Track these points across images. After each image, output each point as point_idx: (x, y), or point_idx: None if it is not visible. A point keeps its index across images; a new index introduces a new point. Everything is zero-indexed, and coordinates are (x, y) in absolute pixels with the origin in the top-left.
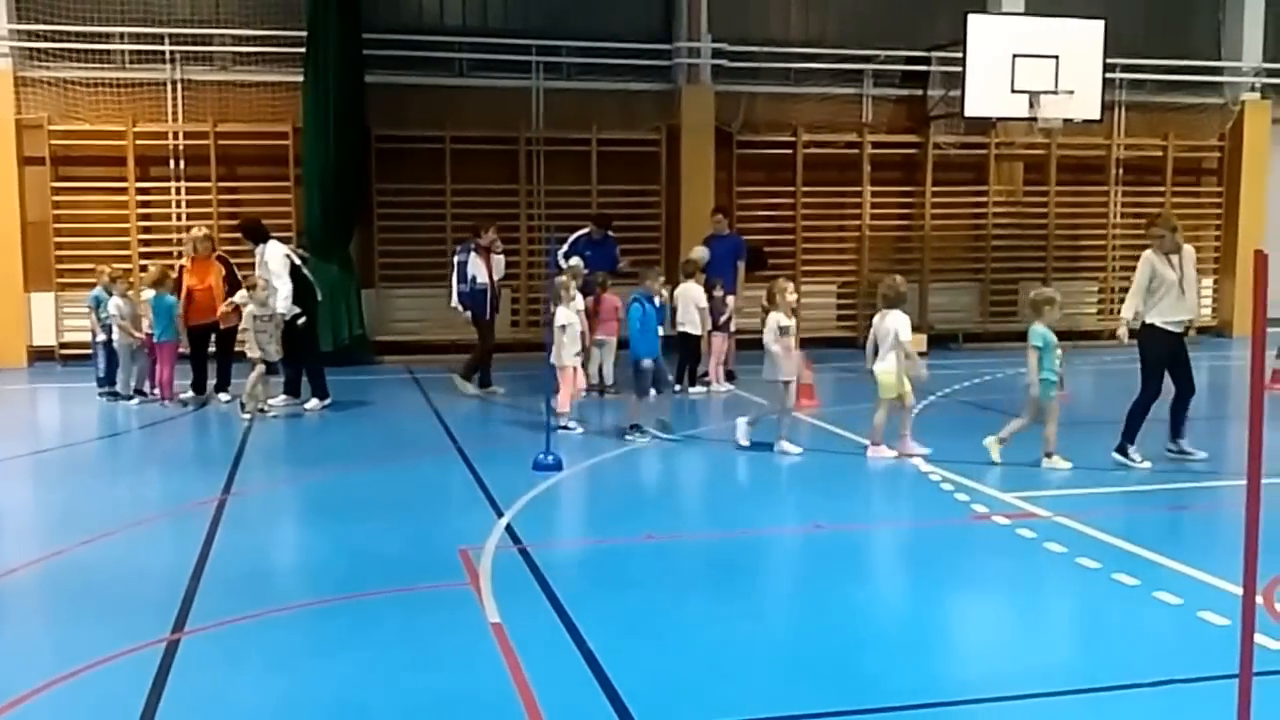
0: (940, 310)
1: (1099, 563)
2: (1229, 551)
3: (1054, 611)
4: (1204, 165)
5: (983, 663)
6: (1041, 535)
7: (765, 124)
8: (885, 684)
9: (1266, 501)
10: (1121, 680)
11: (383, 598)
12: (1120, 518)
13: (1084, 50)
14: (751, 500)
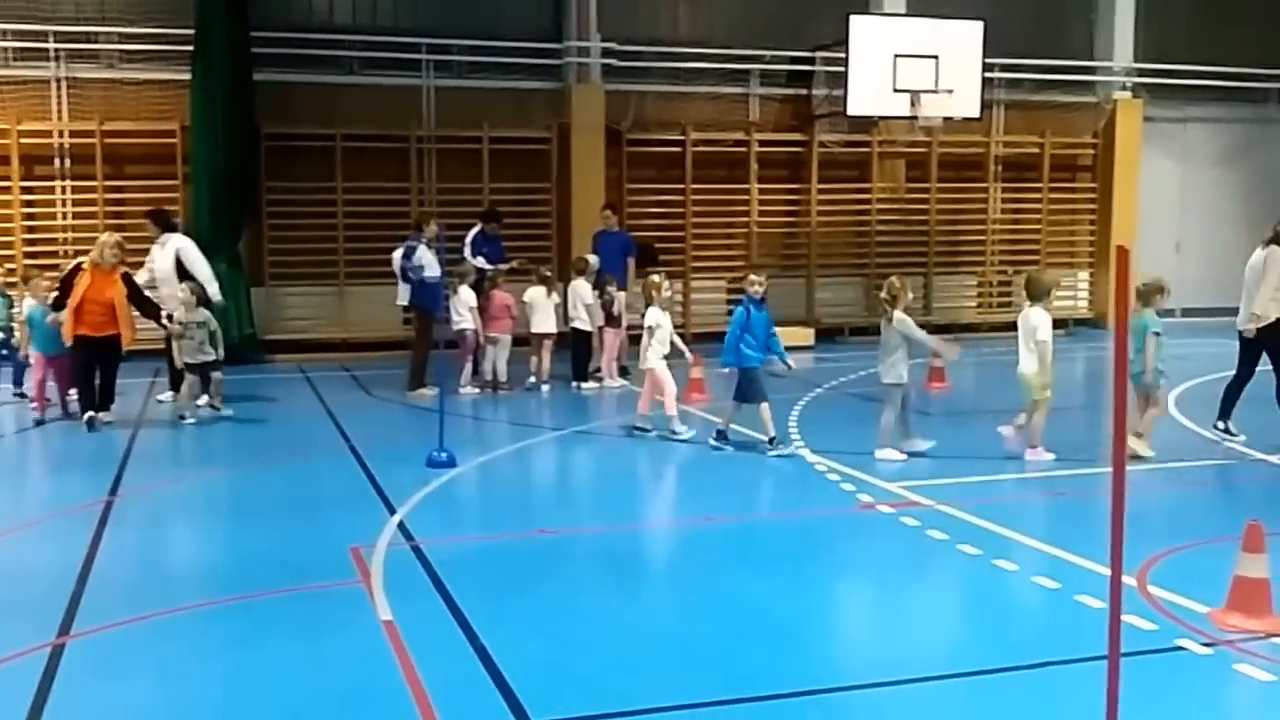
0: (827, 304)
1: (980, 549)
2: (1105, 536)
3: (936, 597)
4: (1079, 162)
5: (867, 649)
6: (925, 523)
7: (655, 122)
8: (772, 672)
9: (1143, 487)
10: (1002, 663)
11: (272, 598)
12: (1001, 505)
13: (963, 50)
14: (644, 494)
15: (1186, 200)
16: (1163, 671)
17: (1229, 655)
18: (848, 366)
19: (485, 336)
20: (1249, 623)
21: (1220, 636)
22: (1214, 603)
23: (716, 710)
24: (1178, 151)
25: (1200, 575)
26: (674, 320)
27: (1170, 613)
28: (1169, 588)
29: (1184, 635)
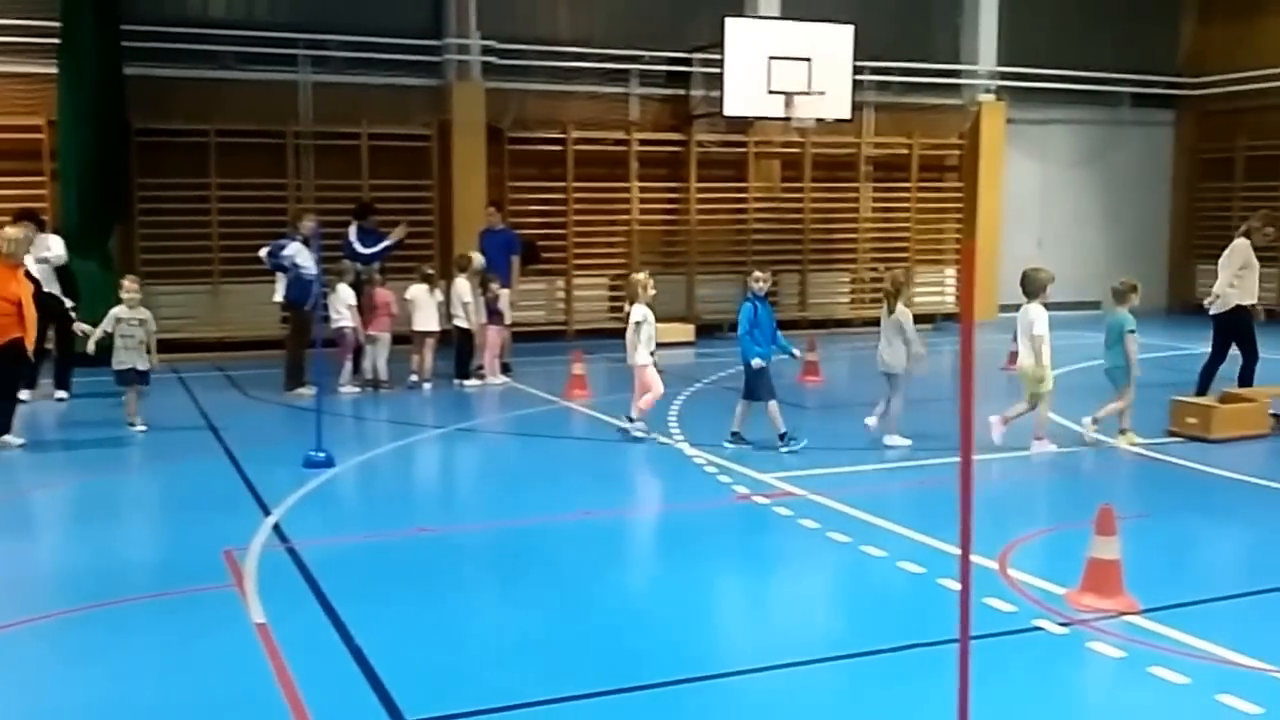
0: (707, 301)
1: (849, 536)
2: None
3: (808, 584)
4: (946, 163)
5: (740, 636)
6: (797, 513)
7: (536, 121)
8: (649, 663)
9: (1008, 474)
10: (868, 647)
11: (141, 603)
12: (870, 494)
13: (834, 53)
14: (523, 490)
15: (1047, 199)
16: (1020, 651)
17: (1083, 634)
18: (727, 361)
19: (365, 335)
20: (1102, 602)
21: (1075, 616)
22: (1070, 584)
23: (592, 702)
24: (1039, 152)
25: (1058, 558)
26: (556, 318)
27: (1029, 594)
28: (1028, 570)
29: (1041, 616)
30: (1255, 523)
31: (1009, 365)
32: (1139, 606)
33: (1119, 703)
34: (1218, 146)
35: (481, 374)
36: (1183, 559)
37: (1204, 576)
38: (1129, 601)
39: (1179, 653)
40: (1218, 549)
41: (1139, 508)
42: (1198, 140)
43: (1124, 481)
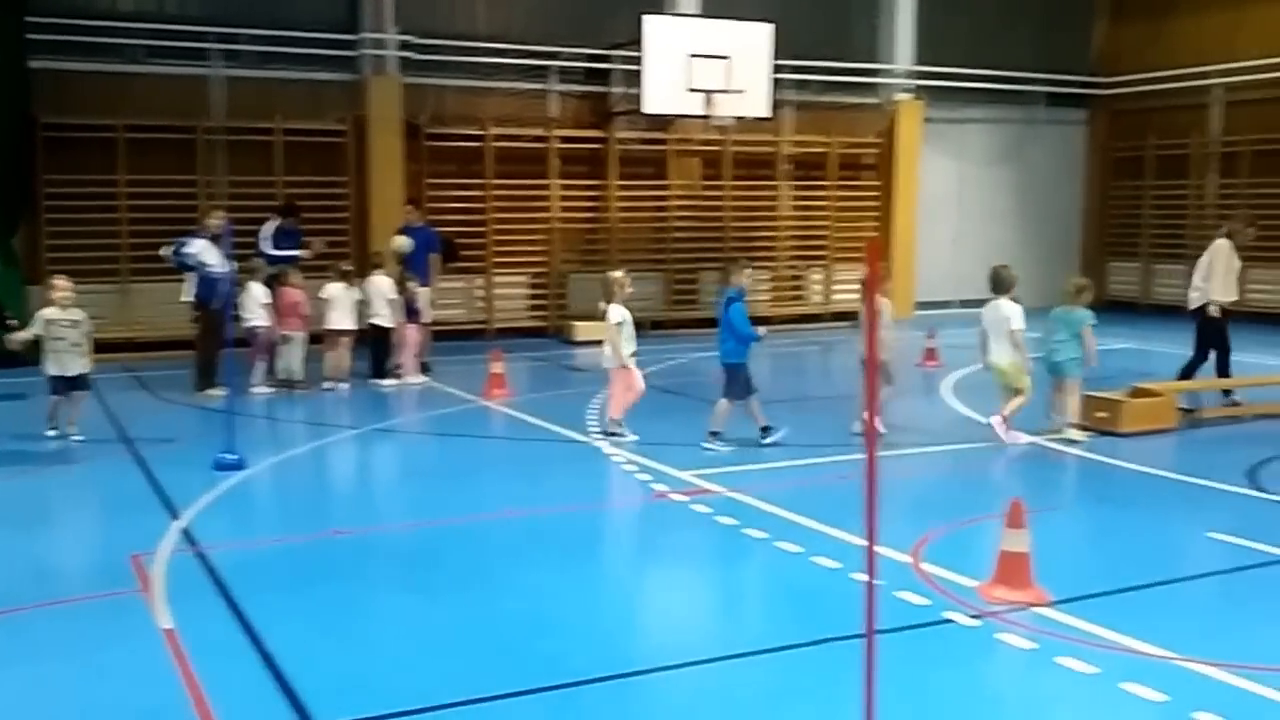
0: (628, 299)
1: (766, 533)
2: (884, 517)
3: (724, 580)
4: (864, 161)
5: (658, 633)
6: (715, 510)
7: (454, 117)
8: (565, 662)
9: (916, 467)
10: (784, 641)
11: (43, 610)
12: (787, 490)
13: (753, 51)
14: (441, 491)
15: (963, 197)
16: (932, 644)
17: (994, 626)
18: (648, 360)
19: (279, 334)
20: (1012, 595)
21: (986, 608)
22: (981, 576)
23: (508, 702)
24: (955, 151)
25: (970, 551)
26: (476, 317)
27: (941, 587)
28: (941, 564)
29: (953, 608)
30: (1160, 515)
31: (924, 362)
32: (1048, 598)
33: (1027, 693)
34: (1129, 145)
35: (399, 373)
36: (1091, 551)
37: (1111, 568)
38: (1038, 593)
39: (1086, 643)
40: (1124, 541)
41: (1050, 501)
42: (1110, 139)
43: (1036, 475)
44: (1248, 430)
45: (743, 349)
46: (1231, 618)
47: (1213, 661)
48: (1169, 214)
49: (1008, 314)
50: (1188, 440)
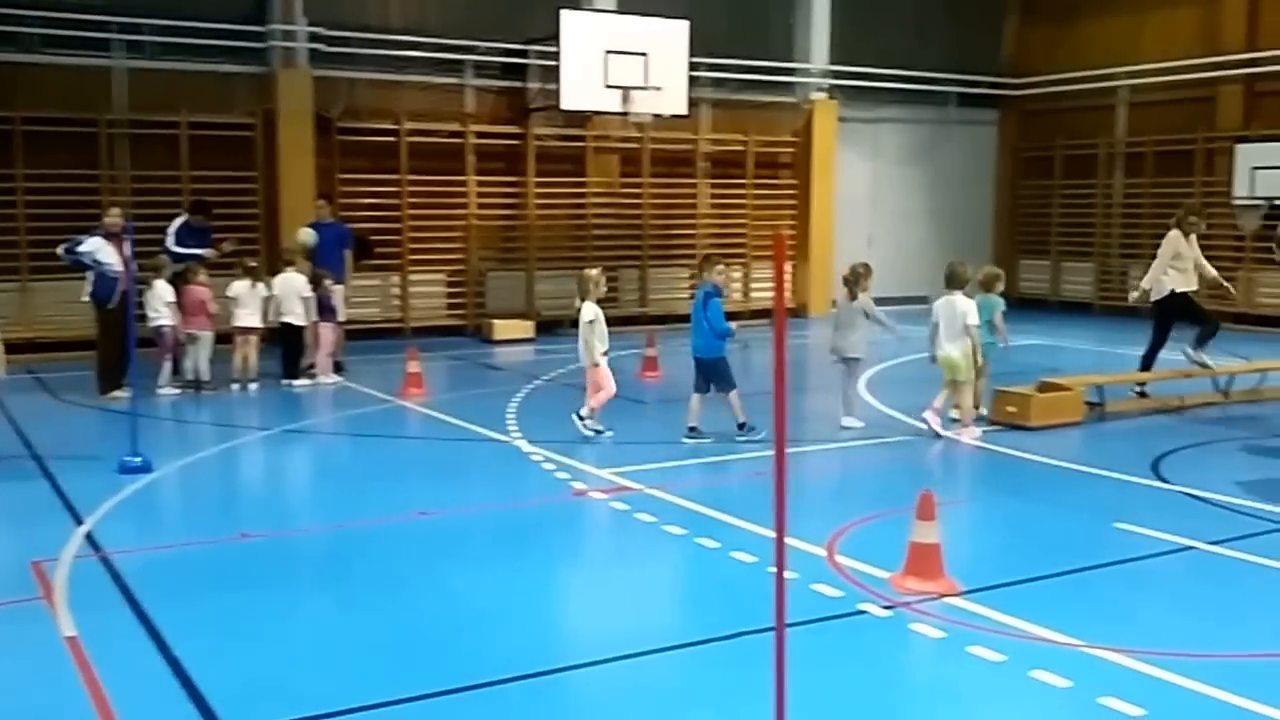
0: (547, 297)
1: (685, 529)
2: (800, 512)
3: (643, 577)
4: (780, 159)
5: (577, 631)
6: (634, 507)
7: (367, 111)
8: (481, 661)
9: (833, 462)
10: (703, 635)
11: None
12: (704, 486)
13: (670, 48)
14: (355, 492)
15: (877, 196)
16: (846, 635)
17: (906, 616)
18: (566, 358)
19: (185, 333)
20: (924, 585)
21: (898, 599)
22: (894, 568)
23: (422, 704)
24: (869, 150)
25: (883, 543)
26: (391, 315)
27: (855, 579)
28: (855, 556)
29: (866, 600)
30: (1067, 505)
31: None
32: (959, 588)
33: (938, 681)
34: (1038, 145)
35: (313, 373)
36: (1000, 542)
37: (1020, 558)
38: (949, 584)
39: (996, 632)
40: (1033, 532)
41: (961, 493)
42: (1019, 139)
43: (948, 468)
44: (1152, 423)
45: (720, 344)
46: (1136, 605)
47: (1117, 648)
48: (1077, 213)
49: (964, 309)
50: (1095, 433)
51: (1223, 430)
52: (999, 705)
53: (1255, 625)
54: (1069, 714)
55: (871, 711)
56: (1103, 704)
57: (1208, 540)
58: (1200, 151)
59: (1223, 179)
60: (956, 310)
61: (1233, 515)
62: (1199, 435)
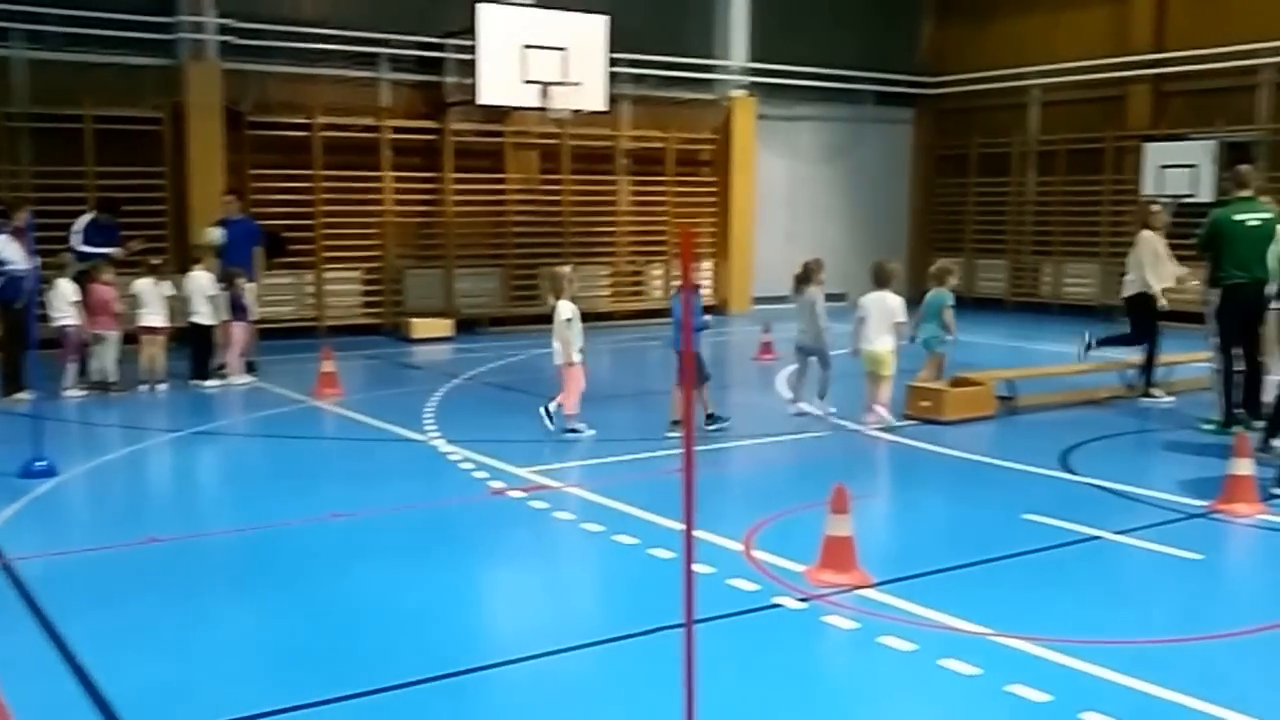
0: (466, 295)
1: (603, 526)
2: (719, 507)
3: (561, 575)
4: (701, 157)
5: (494, 630)
6: (553, 505)
7: (279, 105)
8: (394, 664)
9: (751, 458)
10: (621, 631)
11: None
12: (623, 484)
13: (589, 44)
14: (267, 494)
15: (795, 194)
16: (761, 627)
17: (820, 608)
18: (486, 357)
19: (90, 334)
20: (838, 578)
21: (813, 592)
22: (809, 561)
23: (335, 707)
24: (788, 148)
25: (799, 537)
26: (306, 314)
27: (771, 573)
28: (771, 550)
29: (781, 593)
30: (978, 498)
31: (760, 356)
32: (871, 580)
33: (850, 672)
34: (953, 144)
35: (224, 373)
36: (913, 534)
37: (931, 550)
38: (862, 576)
39: (907, 622)
40: (945, 523)
41: (875, 487)
42: (935, 138)
43: (863, 462)
44: (1062, 417)
45: (694, 338)
46: (1043, 595)
47: (1025, 636)
48: (991, 210)
49: (893, 306)
50: (1006, 427)
51: (1130, 423)
52: (909, 694)
53: (1157, 612)
54: (977, 702)
55: (784, 703)
56: (1010, 691)
57: (1113, 530)
58: (1110, 150)
59: (1132, 177)
60: (886, 306)
61: (1137, 506)
62: (1107, 428)
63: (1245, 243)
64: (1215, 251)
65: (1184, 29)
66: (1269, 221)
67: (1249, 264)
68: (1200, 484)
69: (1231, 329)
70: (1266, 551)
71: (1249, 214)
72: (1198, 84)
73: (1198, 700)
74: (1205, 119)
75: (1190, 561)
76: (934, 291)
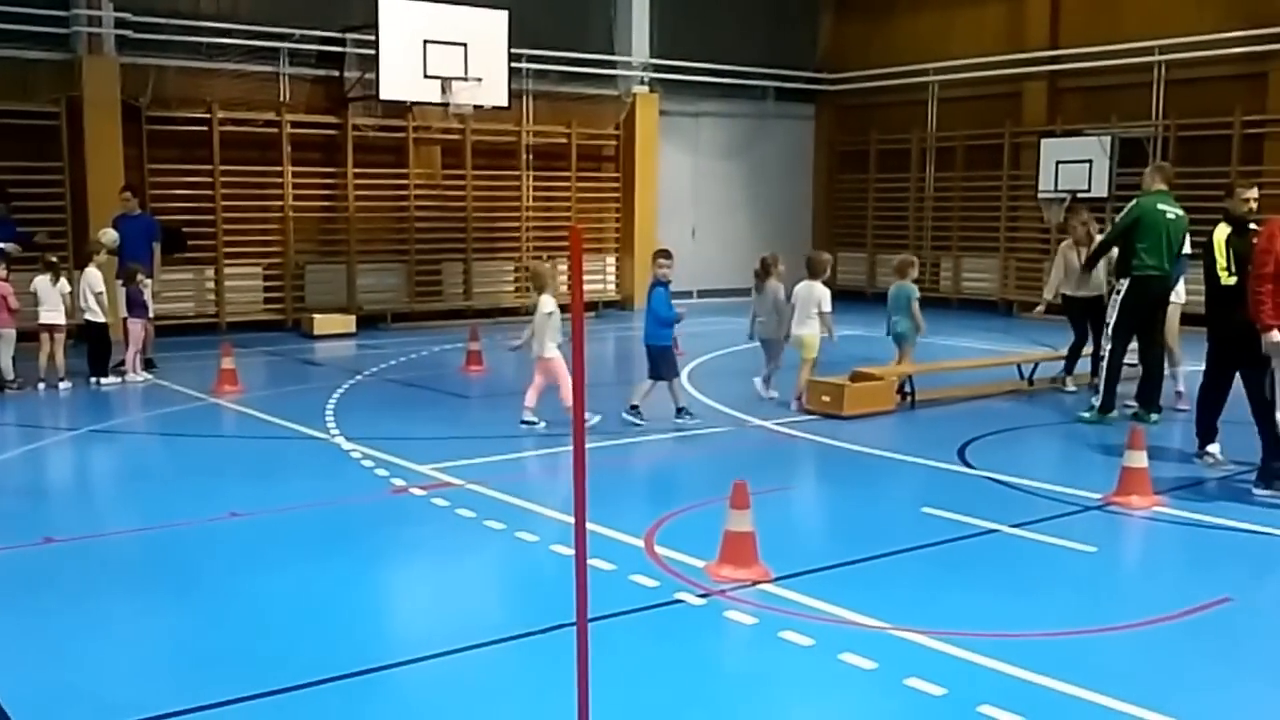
0: (368, 291)
1: (504, 524)
2: (622, 503)
3: (462, 573)
4: (604, 152)
5: (394, 629)
6: (454, 502)
7: (177, 99)
8: (292, 663)
9: (655, 453)
10: (521, 629)
11: None
12: (525, 481)
13: (490, 39)
14: (166, 493)
15: (699, 190)
16: (662, 623)
17: (720, 603)
18: (389, 353)
19: None
20: (738, 573)
21: (714, 587)
22: (710, 557)
23: (233, 708)
24: (690, 144)
25: (700, 533)
26: (206, 310)
27: (672, 569)
28: (673, 546)
29: (683, 589)
30: (877, 492)
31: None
32: (771, 575)
33: (750, 667)
34: (853, 140)
35: (122, 371)
36: (813, 528)
37: (831, 544)
38: (763, 571)
39: (806, 616)
40: (844, 518)
41: (777, 482)
42: (836, 134)
43: (766, 457)
44: (960, 410)
45: (665, 332)
46: (940, 588)
47: (922, 630)
48: (891, 206)
49: (819, 296)
50: (906, 421)
51: (1029, 416)
52: (808, 688)
53: (1052, 605)
54: (875, 695)
55: (683, 699)
56: (908, 685)
57: (1010, 523)
58: (1007, 146)
59: (1029, 173)
60: (813, 296)
61: (1033, 499)
62: (1004, 422)
63: (1163, 235)
64: (1129, 240)
65: (1079, 27)
66: (1182, 217)
67: (1162, 256)
68: (1096, 477)
69: (1133, 320)
70: (1160, 544)
71: (1169, 207)
72: (1092, 81)
73: (1092, 693)
74: (1100, 115)
75: (1085, 554)
76: (898, 285)
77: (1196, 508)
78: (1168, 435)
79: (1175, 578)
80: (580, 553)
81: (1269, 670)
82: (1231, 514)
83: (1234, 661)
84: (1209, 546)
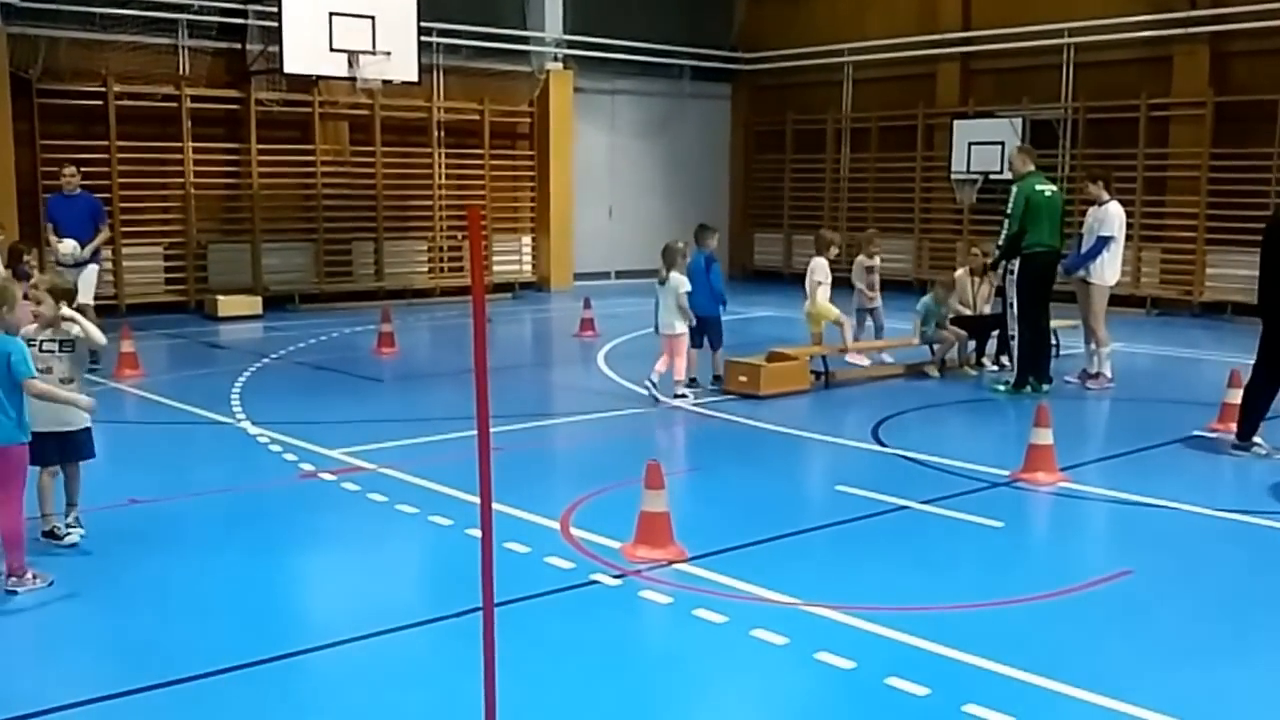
0: (274, 271)
1: (417, 508)
2: (537, 486)
3: (374, 557)
4: (518, 130)
5: (303, 615)
6: (366, 487)
7: (70, 72)
8: (197, 653)
9: (571, 436)
10: (434, 613)
11: None
12: (439, 464)
13: (398, 12)
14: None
15: (615, 169)
16: (578, 604)
17: (636, 584)
18: (296, 335)
19: None
20: (653, 553)
21: (629, 568)
22: (626, 538)
23: (134, 699)
24: (606, 123)
25: (616, 514)
26: (104, 292)
27: (588, 550)
28: (588, 528)
29: (598, 570)
30: (792, 470)
31: (581, 333)
32: (686, 555)
33: (665, 645)
34: (770, 120)
35: None
36: (727, 508)
37: (745, 523)
38: (678, 550)
39: (720, 594)
40: (759, 496)
41: (692, 462)
42: (752, 114)
43: (683, 438)
44: (875, 389)
45: (717, 305)
46: (852, 564)
47: (833, 605)
48: (807, 186)
49: (813, 267)
50: (821, 401)
51: (939, 395)
52: (720, 665)
53: (961, 579)
54: (786, 670)
55: (598, 679)
56: (818, 659)
57: (920, 500)
58: (921, 127)
59: (942, 154)
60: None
61: (944, 476)
62: (916, 401)
63: (1045, 213)
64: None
65: (991, 9)
66: (1057, 193)
67: (1046, 233)
68: (1006, 454)
69: (1032, 296)
70: (1063, 518)
71: (1045, 185)
72: (1004, 63)
73: (998, 664)
74: (1012, 97)
75: (992, 529)
76: (922, 301)
77: (1100, 483)
78: (1077, 411)
79: (1078, 551)
80: (486, 535)
81: (1167, 638)
82: (1133, 488)
83: (1134, 631)
84: (1111, 521)
